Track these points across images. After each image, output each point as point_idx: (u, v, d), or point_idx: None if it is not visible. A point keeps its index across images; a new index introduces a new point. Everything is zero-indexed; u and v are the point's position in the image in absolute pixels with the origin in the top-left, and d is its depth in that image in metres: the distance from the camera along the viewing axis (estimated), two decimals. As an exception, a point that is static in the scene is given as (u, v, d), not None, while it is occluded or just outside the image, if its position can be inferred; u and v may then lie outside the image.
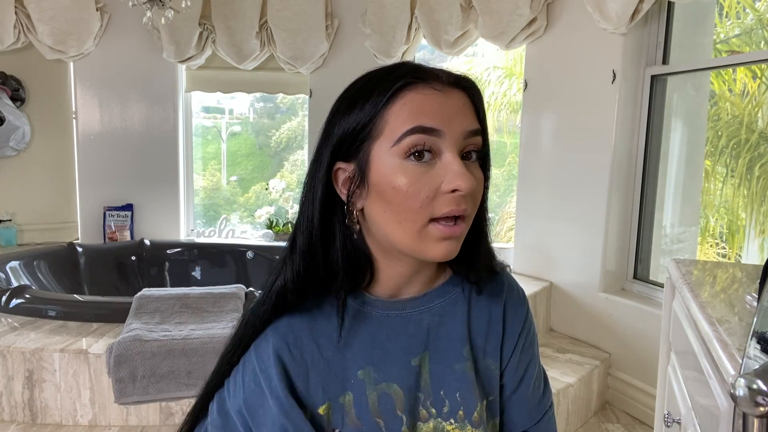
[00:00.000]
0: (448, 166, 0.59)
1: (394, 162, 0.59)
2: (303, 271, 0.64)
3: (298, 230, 0.66)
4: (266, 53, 3.48)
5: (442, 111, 0.59)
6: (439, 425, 0.66)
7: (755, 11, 3.11)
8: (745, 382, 0.59)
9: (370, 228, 0.64)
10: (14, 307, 2.40)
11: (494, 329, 0.72)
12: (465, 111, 0.61)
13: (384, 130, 0.59)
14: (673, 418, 1.17)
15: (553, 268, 2.84)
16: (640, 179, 2.55)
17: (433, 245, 0.60)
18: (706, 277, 1.27)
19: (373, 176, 0.60)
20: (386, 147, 0.59)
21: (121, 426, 2.08)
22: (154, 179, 3.63)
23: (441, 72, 0.62)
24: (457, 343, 0.69)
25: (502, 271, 0.75)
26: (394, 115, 0.59)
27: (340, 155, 0.62)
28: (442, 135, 0.59)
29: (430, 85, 0.60)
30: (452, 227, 0.60)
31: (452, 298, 0.71)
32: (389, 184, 0.59)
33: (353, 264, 0.65)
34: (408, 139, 0.58)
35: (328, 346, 0.66)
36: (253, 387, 0.64)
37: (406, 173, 0.59)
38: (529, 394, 0.73)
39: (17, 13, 3.17)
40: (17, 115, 3.40)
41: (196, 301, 2.41)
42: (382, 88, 0.60)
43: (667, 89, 2.50)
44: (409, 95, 0.59)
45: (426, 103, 0.59)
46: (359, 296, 0.68)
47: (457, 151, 0.60)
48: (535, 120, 2.92)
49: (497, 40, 2.90)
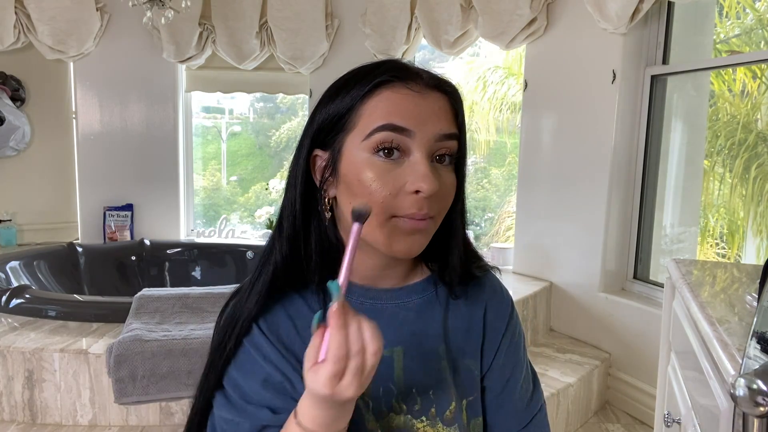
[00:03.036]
0: (414, 167, 0.60)
1: (363, 156, 0.60)
2: (289, 255, 0.65)
3: (283, 215, 0.67)
4: (266, 53, 3.48)
5: (416, 112, 0.60)
6: (409, 422, 0.66)
7: (755, 11, 3.11)
8: (745, 382, 0.59)
9: (341, 217, 0.65)
10: (14, 307, 2.40)
11: (474, 330, 0.72)
12: (440, 114, 0.62)
13: (358, 124, 0.61)
14: (673, 418, 1.17)
15: (553, 268, 2.84)
16: (640, 179, 2.55)
17: (397, 239, 0.61)
18: (706, 277, 1.27)
19: (343, 167, 0.62)
20: (358, 140, 0.61)
21: (121, 426, 2.08)
22: (154, 179, 3.63)
23: (423, 73, 0.63)
24: (433, 341, 0.69)
25: (484, 274, 0.74)
26: (369, 111, 0.61)
27: (318, 143, 0.64)
28: (413, 135, 0.60)
29: (407, 85, 0.61)
30: (418, 221, 0.60)
31: (428, 297, 0.71)
32: (356, 176, 0.61)
33: (326, 250, 0.66)
34: (378, 135, 0.60)
35: (305, 327, 0.66)
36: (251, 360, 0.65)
37: (373, 168, 0.60)
38: (515, 397, 0.72)
39: (17, 13, 3.17)
40: (17, 115, 3.40)
41: (196, 301, 2.41)
42: (362, 82, 0.62)
43: (667, 89, 2.50)
44: (386, 93, 0.61)
45: (401, 102, 0.60)
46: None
47: (426, 153, 0.61)
48: (535, 120, 2.92)
49: (497, 40, 2.90)
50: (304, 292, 0.68)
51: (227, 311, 0.69)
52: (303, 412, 0.55)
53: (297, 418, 0.56)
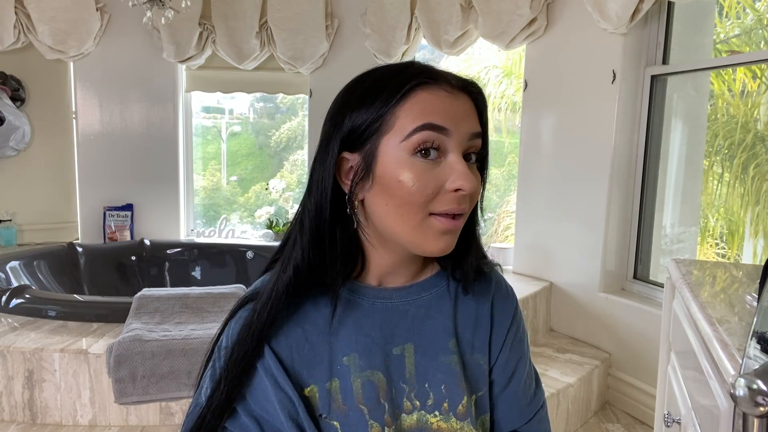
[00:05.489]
0: (453, 166, 0.61)
1: (402, 157, 0.61)
2: (312, 257, 0.66)
3: (304, 218, 0.66)
4: (266, 53, 3.48)
5: (452, 112, 0.62)
6: (423, 418, 0.67)
7: (755, 11, 3.11)
8: (745, 382, 0.59)
9: (369, 218, 0.66)
10: (14, 307, 2.40)
11: (482, 324, 0.73)
12: (470, 114, 0.64)
13: (394, 126, 0.61)
14: (673, 418, 1.17)
15: (553, 268, 2.84)
16: (640, 179, 2.55)
17: (432, 238, 0.62)
18: (706, 277, 1.27)
19: (378, 169, 0.62)
20: (395, 142, 0.61)
21: (121, 426, 2.08)
22: (154, 179, 3.63)
23: (450, 75, 0.65)
24: (443, 335, 0.70)
25: (491, 270, 0.76)
26: (406, 112, 0.61)
27: (346, 146, 0.64)
28: (450, 134, 0.61)
29: (441, 86, 0.62)
30: (452, 221, 0.62)
31: (438, 292, 0.72)
32: (395, 177, 0.61)
33: (348, 252, 0.67)
34: (418, 135, 0.60)
35: (313, 330, 0.67)
36: None
37: (413, 169, 0.61)
38: (519, 392, 0.73)
39: (17, 13, 3.17)
40: (17, 115, 3.40)
41: (196, 301, 2.41)
42: (394, 84, 0.62)
43: (667, 89, 2.50)
44: (422, 94, 0.62)
45: (437, 102, 0.61)
46: (348, 284, 0.69)
47: (461, 152, 0.62)
48: (535, 120, 2.92)
49: (497, 40, 2.90)
50: (314, 294, 0.68)
51: (246, 316, 0.67)
52: None
53: None
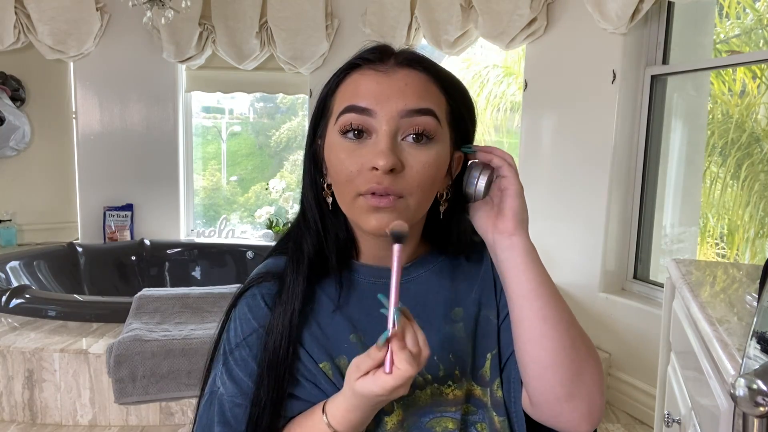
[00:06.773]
0: (375, 145, 0.61)
1: (335, 139, 0.63)
2: (317, 244, 0.68)
3: (304, 207, 0.70)
4: (266, 53, 3.48)
5: (378, 90, 0.61)
6: (437, 390, 0.67)
7: (755, 11, 3.11)
8: (745, 382, 0.59)
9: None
10: (14, 307, 2.40)
11: (486, 283, 0.73)
12: (407, 91, 0.61)
13: (332, 109, 0.65)
14: (673, 418, 1.17)
15: (553, 268, 2.84)
16: (640, 179, 2.55)
17: (364, 217, 0.62)
18: (706, 277, 1.27)
19: (325, 152, 0.66)
20: (331, 126, 0.64)
21: (121, 426, 2.08)
22: (154, 179, 3.63)
23: (400, 53, 0.65)
24: (446, 307, 0.71)
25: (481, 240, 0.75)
26: (339, 96, 0.64)
27: (317, 133, 0.68)
28: (374, 114, 0.61)
29: (373, 66, 0.63)
30: (378, 198, 0.60)
31: (435, 268, 0.73)
32: (329, 159, 0.64)
33: (337, 234, 0.69)
34: (342, 117, 0.62)
35: (319, 310, 0.69)
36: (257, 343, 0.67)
37: (341, 149, 0.62)
38: None
39: (17, 13, 3.17)
40: (17, 115, 3.40)
41: (196, 301, 2.41)
42: (337, 71, 0.66)
43: (667, 89, 2.50)
44: (353, 76, 0.64)
45: (363, 83, 0.62)
46: (349, 264, 0.71)
47: (391, 130, 0.60)
48: (535, 120, 2.92)
49: (497, 40, 2.90)
50: (319, 276, 0.70)
51: (253, 305, 0.69)
52: (335, 415, 0.60)
53: (328, 420, 0.60)
